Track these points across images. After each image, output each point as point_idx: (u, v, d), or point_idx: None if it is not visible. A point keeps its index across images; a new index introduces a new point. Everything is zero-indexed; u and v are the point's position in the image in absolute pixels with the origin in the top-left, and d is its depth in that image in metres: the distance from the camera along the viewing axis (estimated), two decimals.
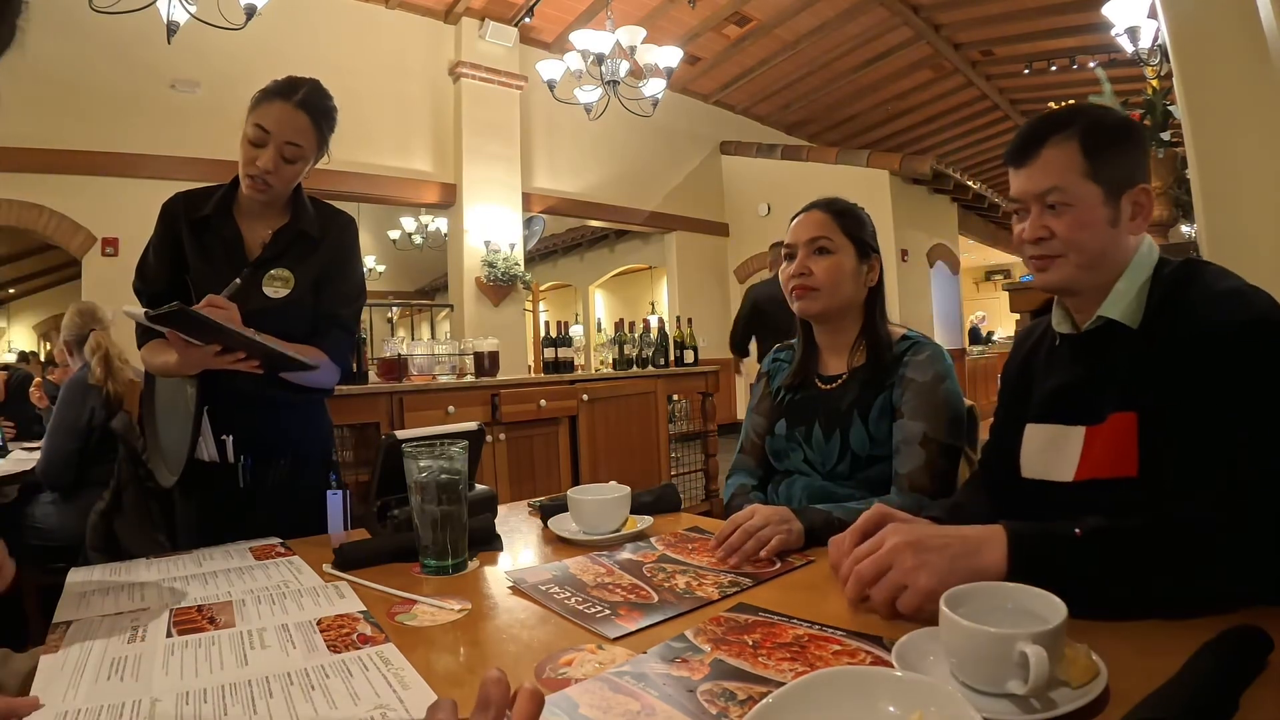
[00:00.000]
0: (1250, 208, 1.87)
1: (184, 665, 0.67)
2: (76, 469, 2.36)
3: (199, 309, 1.10)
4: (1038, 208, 0.92)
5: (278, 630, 0.76)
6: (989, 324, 14.17)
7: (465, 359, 3.49)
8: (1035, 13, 6.89)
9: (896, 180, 7.55)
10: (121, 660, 0.69)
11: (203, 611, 0.84)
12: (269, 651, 0.71)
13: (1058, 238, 0.90)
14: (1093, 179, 0.88)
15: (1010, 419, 1.04)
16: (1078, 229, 0.89)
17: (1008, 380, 1.10)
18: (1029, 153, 0.92)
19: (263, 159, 1.28)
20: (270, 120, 1.28)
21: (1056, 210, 0.90)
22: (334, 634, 0.75)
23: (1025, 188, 0.92)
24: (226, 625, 0.79)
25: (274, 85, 1.31)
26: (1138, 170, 0.91)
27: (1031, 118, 0.97)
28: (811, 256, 1.29)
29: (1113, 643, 0.59)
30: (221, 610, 0.84)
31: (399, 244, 9.85)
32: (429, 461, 0.96)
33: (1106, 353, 0.91)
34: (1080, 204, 0.88)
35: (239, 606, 0.85)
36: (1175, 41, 2.03)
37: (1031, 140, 0.92)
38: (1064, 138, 0.90)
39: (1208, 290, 0.84)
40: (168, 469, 1.36)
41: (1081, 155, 0.89)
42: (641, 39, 4.85)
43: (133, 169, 4.83)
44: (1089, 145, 0.89)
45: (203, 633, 0.76)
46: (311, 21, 5.59)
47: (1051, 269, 0.92)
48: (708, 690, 0.59)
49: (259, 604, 0.86)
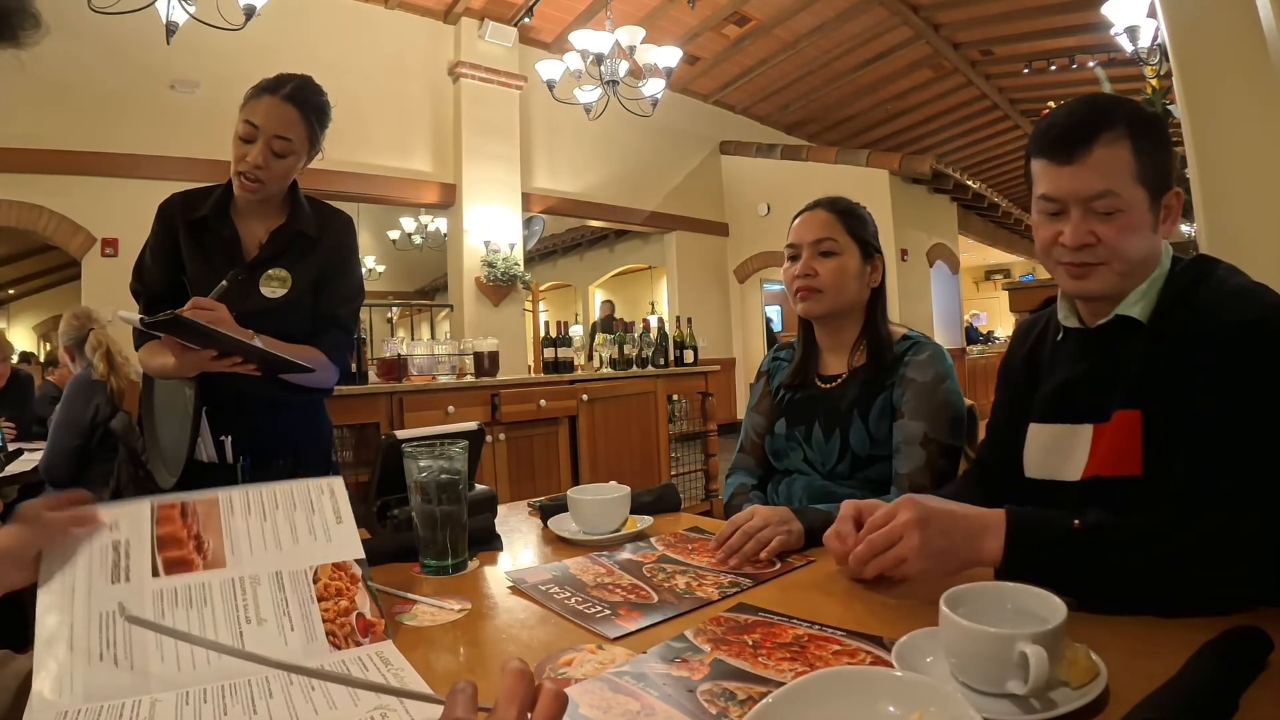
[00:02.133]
0: (1250, 208, 1.87)
1: (180, 658, 0.66)
2: (77, 467, 2.36)
3: (187, 312, 1.09)
4: (1080, 210, 0.83)
5: (271, 582, 0.72)
6: (989, 324, 14.17)
7: (465, 359, 3.49)
8: (1035, 12, 6.90)
9: (896, 180, 7.56)
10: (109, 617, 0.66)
11: (187, 521, 0.75)
12: (265, 629, 0.69)
13: (1104, 244, 0.83)
14: (1141, 182, 0.82)
15: (1012, 415, 1.02)
16: (1126, 235, 0.82)
17: (1010, 374, 1.07)
18: (1076, 148, 0.82)
19: (251, 154, 1.27)
20: (259, 115, 1.28)
21: (1105, 215, 0.82)
22: (332, 612, 0.72)
23: (1073, 188, 0.83)
24: (216, 561, 0.73)
25: (264, 82, 1.31)
26: (1170, 172, 0.85)
27: (1069, 105, 0.88)
28: (816, 258, 1.29)
29: (1113, 643, 0.59)
30: (208, 524, 0.76)
31: (399, 244, 9.85)
32: (429, 461, 0.96)
33: (1115, 347, 0.88)
34: (1130, 209, 0.82)
35: (226, 513, 0.77)
36: (1175, 41, 2.03)
37: (1079, 135, 0.83)
38: (1115, 136, 0.82)
39: (1218, 288, 0.82)
40: (166, 470, 1.36)
41: (1132, 155, 0.82)
42: (641, 39, 4.85)
43: (132, 169, 4.83)
44: (1138, 145, 0.82)
45: (191, 572, 0.71)
46: (311, 22, 5.59)
47: (1092, 277, 0.85)
48: (708, 690, 0.59)
49: (249, 515, 0.78)
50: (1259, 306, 0.78)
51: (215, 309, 1.15)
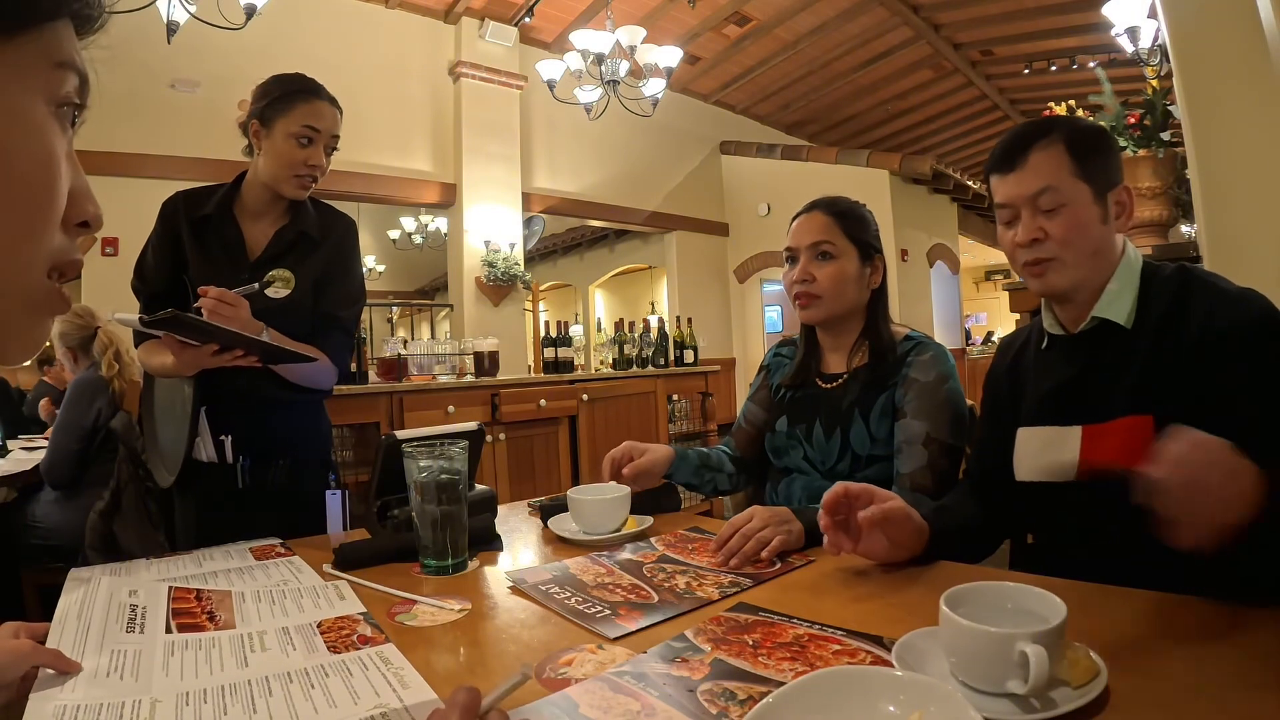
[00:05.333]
0: (1250, 208, 1.87)
1: (184, 667, 0.67)
2: (78, 469, 2.36)
3: (209, 303, 1.11)
4: (1029, 211, 0.92)
5: (278, 633, 0.76)
6: (989, 323, 14.16)
7: (465, 359, 3.49)
8: (1035, 13, 6.89)
9: (896, 180, 7.55)
10: (121, 653, 0.68)
11: (201, 603, 0.83)
12: (269, 654, 0.71)
13: (1053, 239, 0.90)
14: (1081, 179, 0.90)
15: (1000, 426, 1.04)
16: (1073, 228, 0.90)
17: (994, 387, 1.10)
18: (1015, 158, 0.93)
19: (314, 157, 1.32)
20: (321, 120, 1.32)
21: (1050, 211, 0.90)
22: (334, 635, 0.75)
23: (1016, 191, 0.92)
24: (226, 626, 0.78)
25: (297, 85, 1.33)
26: (1117, 171, 0.94)
27: (1007, 131, 0.98)
28: (814, 262, 1.28)
29: (1113, 643, 0.59)
30: (220, 605, 0.83)
31: (399, 244, 9.84)
32: (429, 461, 0.96)
33: (1101, 351, 0.92)
34: (1073, 202, 0.90)
35: (238, 601, 0.85)
36: (1175, 41, 2.03)
37: (1017, 146, 0.93)
38: (1050, 142, 0.91)
39: (1215, 293, 0.85)
40: (165, 469, 1.36)
41: (1069, 156, 0.90)
42: (641, 39, 4.85)
43: (132, 169, 4.82)
44: (1074, 148, 0.91)
45: (202, 632, 0.76)
46: (311, 21, 5.59)
47: (1049, 273, 0.92)
48: (708, 690, 0.59)
49: (259, 602, 0.86)
50: (1259, 307, 0.82)
51: (237, 304, 1.16)
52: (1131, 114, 2.38)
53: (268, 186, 1.34)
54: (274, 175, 1.32)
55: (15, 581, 2.37)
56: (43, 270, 0.37)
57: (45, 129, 0.36)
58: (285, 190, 1.33)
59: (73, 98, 0.38)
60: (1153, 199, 2.38)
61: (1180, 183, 2.37)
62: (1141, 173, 2.35)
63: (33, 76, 0.36)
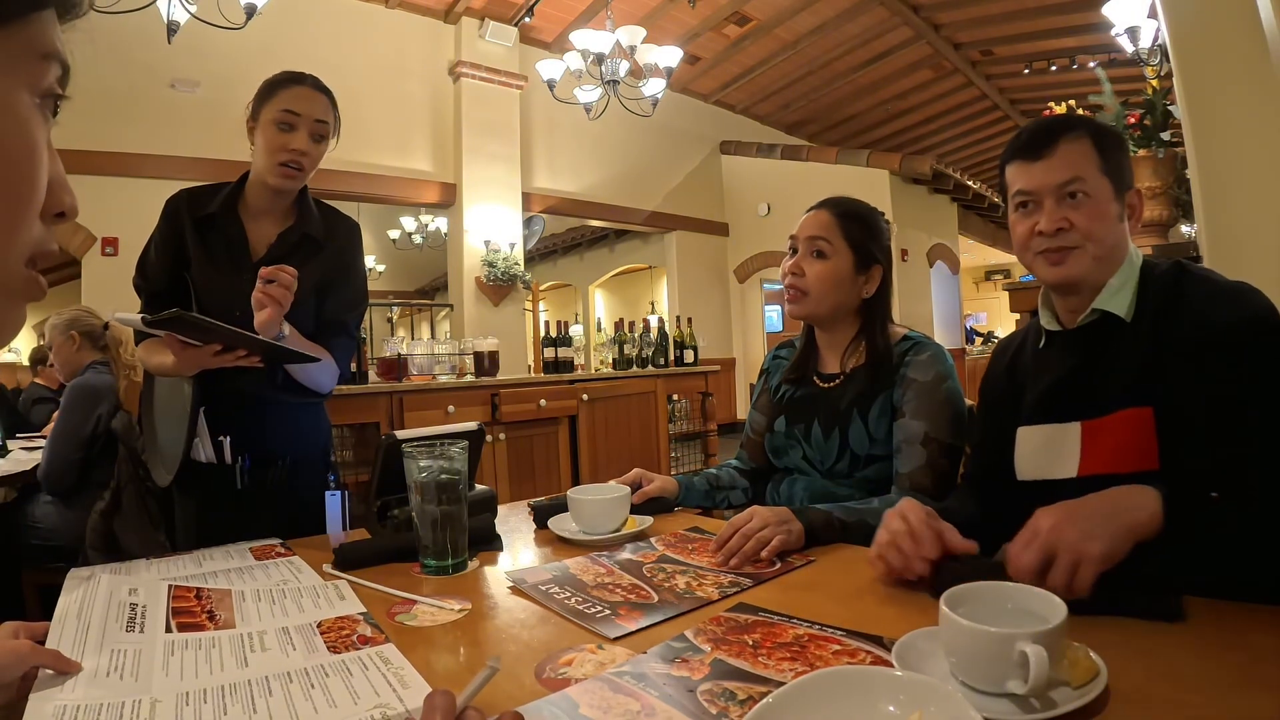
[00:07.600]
0: (1250, 208, 1.87)
1: (184, 667, 0.67)
2: (79, 476, 2.33)
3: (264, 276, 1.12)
4: (1053, 200, 0.92)
5: (278, 633, 0.76)
6: (989, 323, 14.16)
7: (465, 359, 3.49)
8: (1035, 13, 6.89)
9: (896, 180, 7.55)
10: (120, 653, 0.68)
11: (201, 602, 0.83)
12: (269, 654, 0.71)
13: (1077, 229, 0.91)
14: (1105, 174, 0.91)
15: (998, 427, 1.04)
16: (1097, 220, 0.91)
17: (992, 390, 1.11)
18: (1043, 147, 0.93)
19: (296, 141, 1.30)
20: (299, 103, 1.30)
21: (1076, 201, 0.91)
22: (334, 635, 0.75)
23: (1044, 180, 0.92)
24: (226, 625, 0.78)
25: (283, 75, 1.33)
26: (1130, 174, 0.96)
27: (1034, 120, 0.99)
28: (808, 256, 1.29)
29: (1113, 643, 0.59)
30: (220, 604, 0.83)
31: (399, 244, 9.84)
32: (429, 461, 0.96)
33: (1100, 344, 0.93)
34: (1097, 195, 0.91)
35: (238, 600, 0.85)
36: (1175, 41, 2.03)
37: (1044, 136, 0.93)
38: (1077, 135, 0.92)
39: (1212, 288, 0.87)
40: (164, 468, 1.36)
41: (1095, 151, 0.92)
42: (641, 39, 4.85)
43: (132, 169, 4.82)
44: (1099, 144, 0.92)
45: (202, 631, 0.76)
46: (311, 21, 5.59)
47: (1069, 261, 0.92)
48: (708, 690, 0.59)
49: (259, 602, 0.86)
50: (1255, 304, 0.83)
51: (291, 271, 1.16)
52: (1131, 114, 2.38)
53: (264, 183, 1.33)
54: (261, 166, 1.32)
55: (15, 581, 2.36)
56: (23, 259, 0.38)
57: (30, 121, 0.37)
58: (271, 180, 1.32)
59: (55, 88, 0.38)
60: (1153, 199, 2.38)
61: (1180, 183, 2.37)
62: (1141, 173, 2.35)
63: (19, 68, 0.36)
